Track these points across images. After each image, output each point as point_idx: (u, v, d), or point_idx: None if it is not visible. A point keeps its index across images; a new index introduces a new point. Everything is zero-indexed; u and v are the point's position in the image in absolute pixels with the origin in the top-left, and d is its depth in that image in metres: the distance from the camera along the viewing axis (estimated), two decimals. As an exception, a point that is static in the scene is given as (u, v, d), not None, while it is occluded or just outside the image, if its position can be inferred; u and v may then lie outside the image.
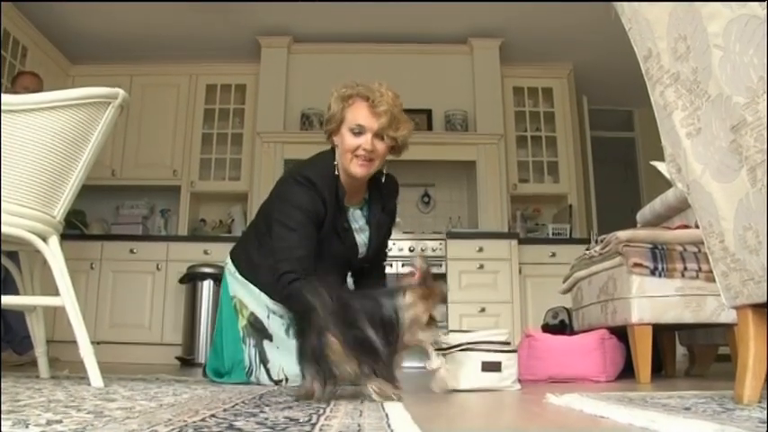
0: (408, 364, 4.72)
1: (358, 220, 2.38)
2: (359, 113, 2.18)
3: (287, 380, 2.26)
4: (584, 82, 6.09)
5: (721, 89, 1.31)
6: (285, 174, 2.42)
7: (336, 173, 2.25)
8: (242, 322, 2.37)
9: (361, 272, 2.50)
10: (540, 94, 5.99)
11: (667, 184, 3.16)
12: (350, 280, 2.51)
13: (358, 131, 2.18)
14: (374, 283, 2.45)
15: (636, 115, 7.08)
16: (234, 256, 2.50)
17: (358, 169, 2.20)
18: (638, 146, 7.06)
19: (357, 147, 2.18)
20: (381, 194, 2.42)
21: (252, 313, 2.36)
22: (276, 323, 2.34)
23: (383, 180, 2.39)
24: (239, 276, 2.42)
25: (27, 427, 0.92)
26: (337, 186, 2.24)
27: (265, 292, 2.34)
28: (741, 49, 1.23)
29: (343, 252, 2.32)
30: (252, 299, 2.37)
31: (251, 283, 2.38)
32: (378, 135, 2.18)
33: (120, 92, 2.14)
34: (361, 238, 2.37)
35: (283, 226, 2.18)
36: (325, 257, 2.24)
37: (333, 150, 2.31)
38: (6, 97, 1.93)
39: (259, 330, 2.34)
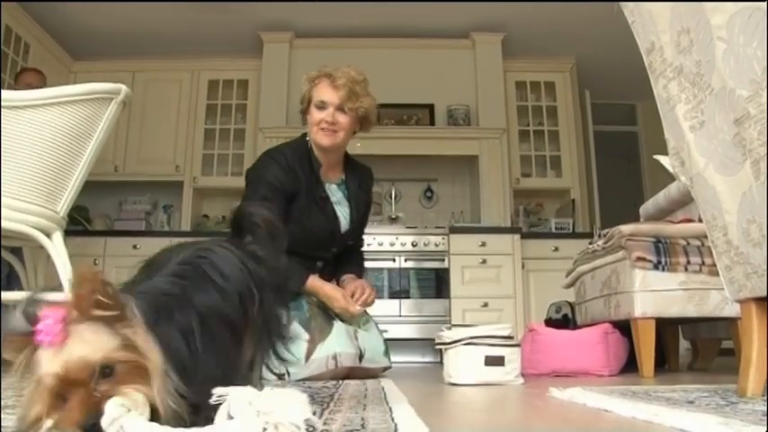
0: (409, 359, 4.73)
1: (335, 193, 2.59)
2: (322, 90, 2.48)
3: (288, 374, 2.27)
4: (587, 76, 6.07)
5: (725, 82, 1.31)
6: (259, 156, 2.64)
7: (309, 147, 2.54)
8: None
9: (343, 256, 2.65)
10: (543, 88, 5.97)
11: (670, 178, 3.16)
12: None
13: (321, 106, 2.47)
14: (354, 270, 2.66)
15: (639, 109, 7.07)
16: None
17: (324, 139, 2.47)
18: (641, 140, 7.04)
19: (321, 120, 2.46)
20: (356, 175, 2.67)
21: None
22: None
23: (357, 167, 2.69)
24: None
25: (32, 421, 0.92)
26: (310, 158, 2.50)
27: None
28: (745, 41, 1.22)
29: (326, 223, 2.50)
30: None
31: None
32: (339, 108, 2.46)
33: (123, 87, 2.14)
34: (342, 211, 2.57)
35: (245, 201, 2.37)
36: (311, 228, 2.43)
37: (305, 134, 2.61)
38: (9, 93, 1.94)
39: None
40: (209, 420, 0.74)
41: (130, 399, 0.72)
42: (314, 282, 2.42)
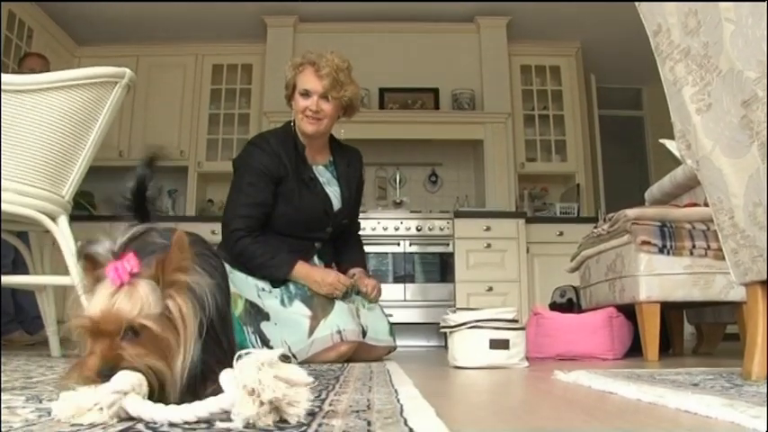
0: (413, 343, 4.75)
1: (323, 174, 2.62)
2: (306, 78, 2.50)
3: (294, 356, 2.28)
4: (592, 60, 6.03)
5: (733, 64, 1.30)
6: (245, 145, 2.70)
7: (293, 132, 2.57)
8: (238, 311, 2.40)
9: (342, 239, 2.68)
10: (548, 72, 5.94)
11: (676, 163, 3.15)
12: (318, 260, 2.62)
13: (305, 94, 2.49)
14: (357, 258, 2.72)
15: (644, 93, 7.02)
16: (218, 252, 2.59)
17: (308, 127, 2.50)
18: (647, 124, 7.01)
19: (305, 108, 2.49)
20: (344, 156, 2.70)
21: (246, 300, 2.40)
22: (269, 299, 2.38)
23: (343, 148, 2.72)
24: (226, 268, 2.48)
25: (40, 402, 0.93)
26: (296, 142, 2.54)
27: (250, 274, 2.42)
28: (754, 22, 1.21)
29: (317, 204, 2.53)
30: (242, 286, 2.42)
31: (237, 270, 2.42)
32: (323, 96, 2.48)
33: (127, 71, 2.14)
34: (332, 191, 2.61)
35: (234, 189, 2.48)
36: (303, 209, 2.48)
37: (290, 122, 2.62)
38: (13, 77, 1.94)
39: (255, 314, 2.37)
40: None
41: (135, 375, 0.76)
42: (302, 268, 2.42)
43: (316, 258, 2.55)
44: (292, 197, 2.46)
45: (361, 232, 2.90)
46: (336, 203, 2.60)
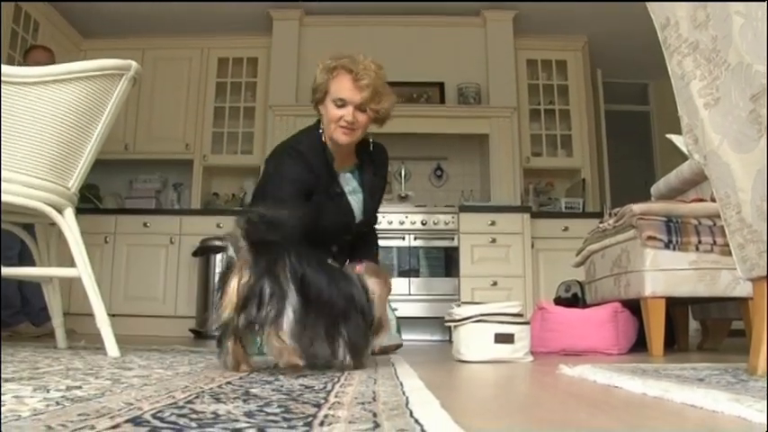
0: (418, 337, 4.75)
1: (349, 182, 2.50)
2: (342, 87, 2.30)
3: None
4: (599, 54, 6.01)
5: (741, 57, 1.29)
6: (275, 149, 2.52)
7: (323, 140, 2.40)
8: None
9: (358, 238, 2.58)
10: (554, 66, 5.92)
11: (682, 158, 3.14)
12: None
13: (341, 104, 2.31)
14: (367, 253, 2.59)
15: (651, 88, 7.00)
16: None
17: (341, 137, 2.34)
18: (653, 119, 6.99)
19: (340, 117, 2.31)
20: (371, 159, 2.56)
21: None
22: None
23: (371, 148, 2.57)
24: None
25: (48, 392, 0.94)
26: (326, 153, 2.39)
27: None
28: (763, 14, 1.20)
29: (340, 217, 2.42)
30: None
31: None
32: (359, 108, 2.31)
33: (133, 63, 2.14)
34: (355, 201, 2.49)
35: (274, 199, 2.31)
36: (326, 223, 2.36)
37: (318, 121, 2.46)
38: (20, 69, 1.94)
39: None
40: None
41: None
42: None
43: (330, 261, 2.52)
44: (317, 212, 2.35)
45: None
46: (358, 215, 2.49)
